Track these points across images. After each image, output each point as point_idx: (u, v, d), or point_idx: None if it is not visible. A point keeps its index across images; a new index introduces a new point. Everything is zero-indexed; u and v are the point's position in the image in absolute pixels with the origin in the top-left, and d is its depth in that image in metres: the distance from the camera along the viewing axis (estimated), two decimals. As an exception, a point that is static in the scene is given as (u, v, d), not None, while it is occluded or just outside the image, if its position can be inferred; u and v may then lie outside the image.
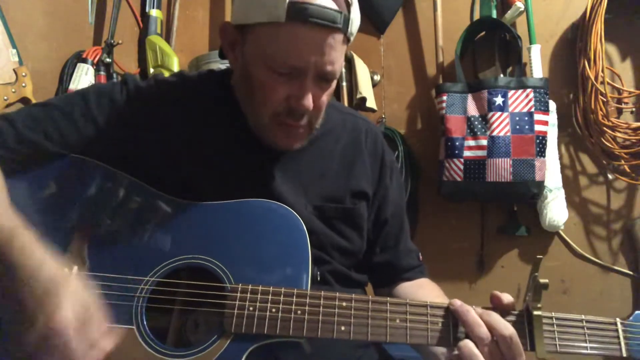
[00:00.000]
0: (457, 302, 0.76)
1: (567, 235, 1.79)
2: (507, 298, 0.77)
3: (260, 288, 0.76)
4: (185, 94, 0.94)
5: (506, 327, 0.72)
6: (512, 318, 0.75)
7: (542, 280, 0.73)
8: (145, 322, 0.77)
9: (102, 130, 0.88)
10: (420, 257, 1.09)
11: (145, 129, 0.89)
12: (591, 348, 0.74)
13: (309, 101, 0.81)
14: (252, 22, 0.81)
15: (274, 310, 0.75)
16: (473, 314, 0.73)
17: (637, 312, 0.77)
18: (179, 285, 0.79)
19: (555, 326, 0.75)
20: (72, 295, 0.66)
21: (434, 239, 1.84)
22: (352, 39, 0.85)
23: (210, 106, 0.94)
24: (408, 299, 0.78)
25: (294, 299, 0.76)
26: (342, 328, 0.75)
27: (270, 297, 0.76)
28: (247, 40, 0.84)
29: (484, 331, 0.72)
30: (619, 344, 0.75)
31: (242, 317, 0.75)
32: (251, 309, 0.75)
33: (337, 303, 0.76)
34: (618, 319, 0.76)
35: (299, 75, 0.81)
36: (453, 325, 0.75)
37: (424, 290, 1.01)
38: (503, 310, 0.76)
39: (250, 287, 0.77)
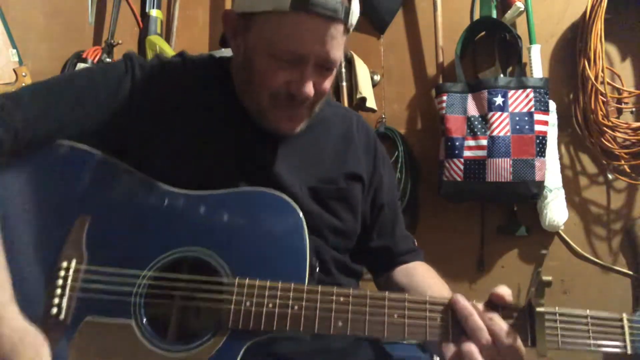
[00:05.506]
0: (460, 302, 0.74)
1: (567, 235, 1.79)
2: (508, 296, 0.75)
3: (257, 283, 0.76)
4: (187, 75, 0.95)
5: (508, 335, 0.71)
6: (514, 314, 0.74)
7: (545, 278, 0.70)
8: (143, 316, 0.76)
9: (108, 105, 0.88)
10: (415, 243, 1.11)
11: (147, 106, 0.89)
12: (594, 345, 0.71)
13: (309, 88, 0.84)
14: (257, 10, 0.83)
15: (270, 305, 0.75)
16: (476, 318, 0.72)
17: None
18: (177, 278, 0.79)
19: (558, 322, 0.72)
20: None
21: (434, 239, 1.83)
22: (351, 29, 0.87)
23: (209, 89, 0.95)
24: (407, 295, 0.77)
25: (291, 294, 0.75)
26: (340, 324, 0.74)
27: (267, 292, 0.76)
28: (250, 29, 0.86)
29: (485, 337, 0.71)
30: (624, 340, 0.71)
31: (239, 314, 0.75)
32: (248, 304, 0.75)
33: (334, 298, 0.75)
34: (625, 314, 0.73)
35: (300, 62, 0.83)
36: (453, 322, 0.73)
37: (419, 274, 1.01)
38: (505, 307, 0.75)
39: (247, 281, 0.76)
